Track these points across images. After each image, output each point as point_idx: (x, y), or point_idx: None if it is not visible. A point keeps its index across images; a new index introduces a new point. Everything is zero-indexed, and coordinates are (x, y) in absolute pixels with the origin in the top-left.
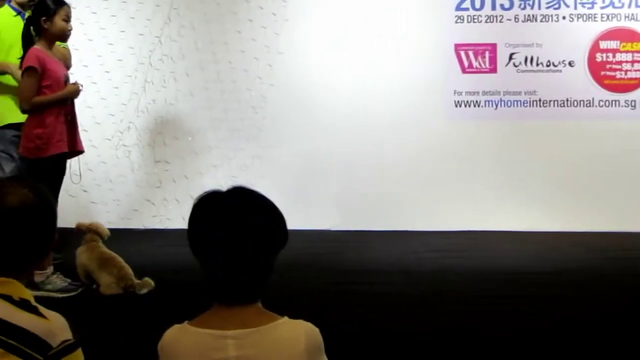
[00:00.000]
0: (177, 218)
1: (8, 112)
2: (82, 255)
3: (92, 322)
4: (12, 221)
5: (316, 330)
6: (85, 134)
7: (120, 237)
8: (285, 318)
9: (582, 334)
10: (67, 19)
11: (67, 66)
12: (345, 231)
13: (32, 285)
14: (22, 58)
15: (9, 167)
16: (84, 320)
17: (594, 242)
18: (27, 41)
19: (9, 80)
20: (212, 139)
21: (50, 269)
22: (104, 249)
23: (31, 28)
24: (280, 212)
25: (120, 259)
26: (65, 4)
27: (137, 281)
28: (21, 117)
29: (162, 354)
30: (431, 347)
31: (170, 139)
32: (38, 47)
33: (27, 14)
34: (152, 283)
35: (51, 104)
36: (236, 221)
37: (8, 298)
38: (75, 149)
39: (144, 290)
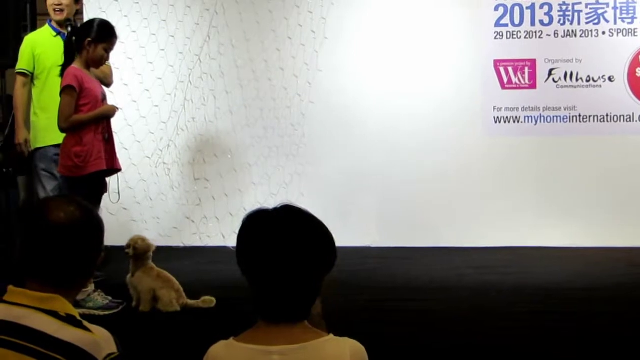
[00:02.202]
0: (217, 236)
1: (50, 132)
2: (145, 279)
3: (135, 340)
4: (60, 238)
5: (362, 348)
6: (125, 152)
7: (160, 255)
8: (331, 335)
9: (626, 352)
10: (109, 50)
11: (108, 84)
12: (385, 248)
13: (73, 302)
14: (62, 73)
15: (50, 186)
16: (126, 338)
17: (635, 258)
18: (69, 49)
19: (48, 100)
20: (252, 157)
21: (92, 287)
22: (157, 268)
23: (73, 38)
24: (329, 231)
25: (176, 280)
26: (115, 37)
27: (189, 301)
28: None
29: None
30: None
31: (209, 156)
32: (76, 67)
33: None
34: (213, 301)
35: (89, 122)
36: (285, 240)
37: (54, 314)
38: (113, 167)
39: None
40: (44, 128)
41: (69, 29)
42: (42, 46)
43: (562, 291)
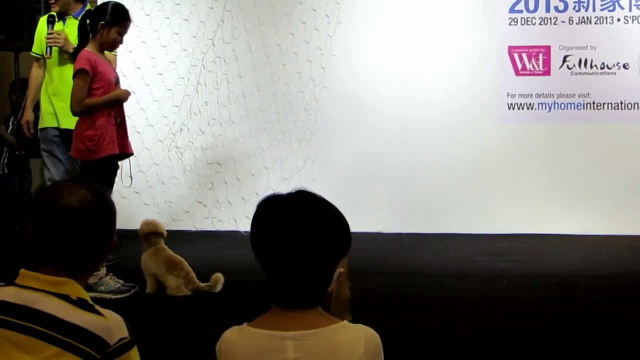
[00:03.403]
0: (229, 220)
1: (50, 114)
2: (148, 262)
3: (147, 324)
4: (71, 222)
5: (376, 335)
6: (138, 136)
7: (172, 239)
8: (345, 322)
9: (638, 339)
10: (122, 34)
11: None
12: (397, 234)
13: (85, 286)
14: (75, 56)
15: (53, 167)
16: (138, 322)
17: None
18: (83, 33)
19: (50, 83)
20: (265, 141)
21: (103, 270)
22: (169, 251)
23: (87, 21)
24: (343, 216)
25: (186, 263)
26: (128, 20)
27: (201, 284)
28: (61, 123)
29: (220, 354)
30: (483, 351)
31: (222, 140)
32: (89, 50)
33: (68, 20)
34: (222, 277)
35: (101, 105)
36: (299, 225)
37: (66, 297)
38: (125, 152)
39: (219, 287)
40: (45, 110)
41: (49, 26)
42: (46, 30)
43: (575, 278)
